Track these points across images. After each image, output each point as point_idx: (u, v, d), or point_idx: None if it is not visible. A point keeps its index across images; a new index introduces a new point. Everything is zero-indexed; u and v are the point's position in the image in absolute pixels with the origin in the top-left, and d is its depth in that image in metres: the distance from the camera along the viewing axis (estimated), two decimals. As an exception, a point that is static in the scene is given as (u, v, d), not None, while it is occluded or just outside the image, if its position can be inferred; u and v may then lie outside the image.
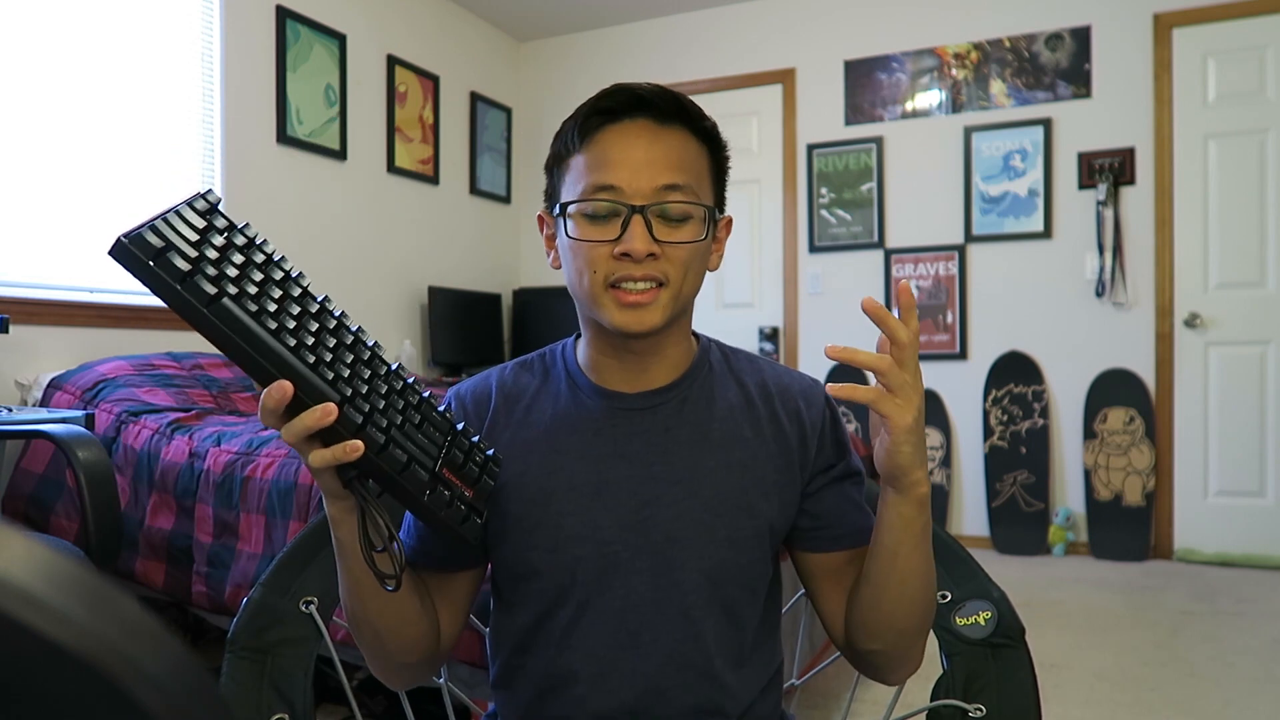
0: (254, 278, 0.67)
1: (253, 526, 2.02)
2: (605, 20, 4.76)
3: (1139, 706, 2.26)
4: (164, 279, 0.62)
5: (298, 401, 0.66)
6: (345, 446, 0.67)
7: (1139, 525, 3.78)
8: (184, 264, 0.62)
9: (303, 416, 0.66)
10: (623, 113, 0.82)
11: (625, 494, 0.84)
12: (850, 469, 0.91)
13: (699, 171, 0.84)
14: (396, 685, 0.89)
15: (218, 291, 0.63)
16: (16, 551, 0.22)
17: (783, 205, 4.47)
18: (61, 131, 2.71)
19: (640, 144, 0.81)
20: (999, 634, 0.93)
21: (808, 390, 0.91)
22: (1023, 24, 4.02)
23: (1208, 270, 3.77)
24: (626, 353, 0.87)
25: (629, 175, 0.80)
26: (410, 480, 0.70)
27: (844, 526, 0.89)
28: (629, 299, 0.81)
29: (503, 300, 4.73)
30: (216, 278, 0.64)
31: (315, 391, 0.66)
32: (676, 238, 0.81)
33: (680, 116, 0.84)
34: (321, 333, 0.70)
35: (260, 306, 0.65)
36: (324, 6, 3.67)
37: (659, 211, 0.81)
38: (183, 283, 0.62)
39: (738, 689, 0.86)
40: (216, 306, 0.63)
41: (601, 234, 0.81)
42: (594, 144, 0.82)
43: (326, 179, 3.70)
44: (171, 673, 0.23)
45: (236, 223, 0.70)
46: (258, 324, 0.64)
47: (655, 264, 0.81)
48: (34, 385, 2.54)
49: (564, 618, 0.84)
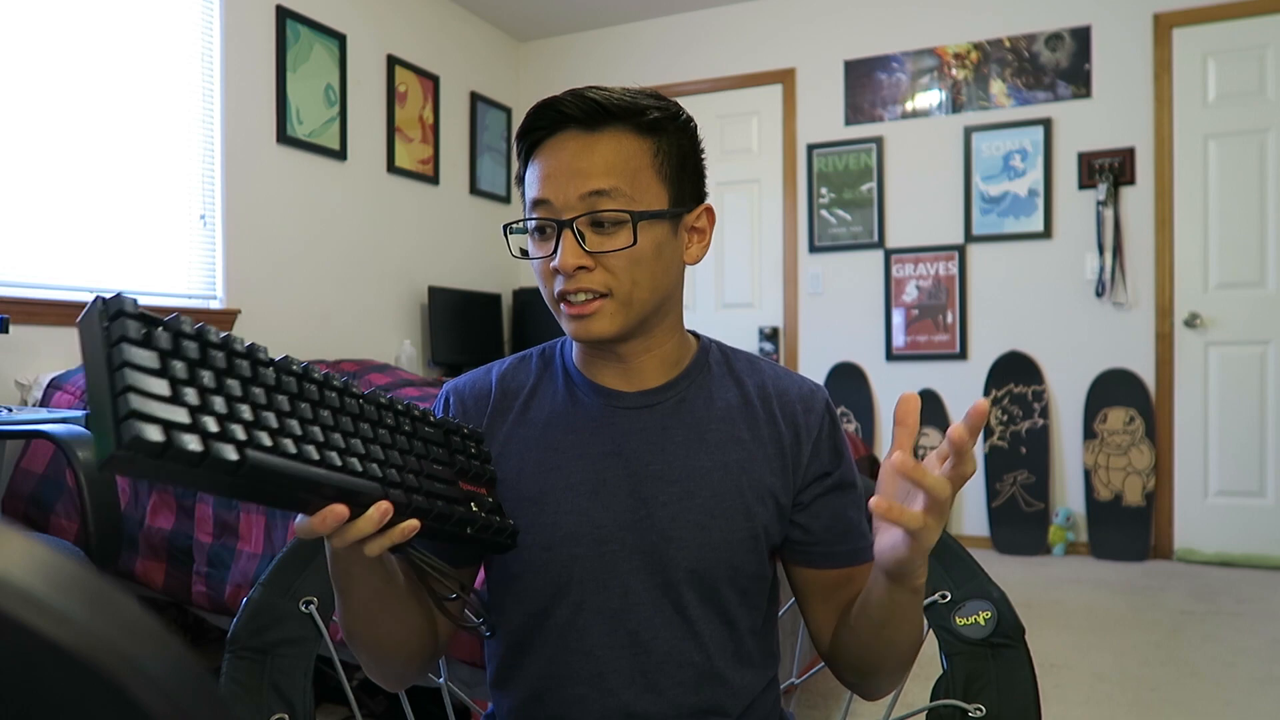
0: (255, 400, 0.58)
1: (253, 526, 2.02)
2: (605, 20, 4.76)
3: (1139, 706, 2.26)
4: (180, 470, 0.52)
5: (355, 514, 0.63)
6: (404, 529, 0.66)
7: (1139, 525, 3.78)
8: (196, 444, 0.51)
9: (358, 525, 0.64)
10: (553, 128, 0.83)
11: (623, 493, 0.84)
12: (845, 479, 0.90)
13: (636, 169, 0.82)
14: (394, 688, 0.89)
15: (240, 457, 0.54)
16: (16, 551, 0.22)
17: (783, 205, 4.47)
18: (62, 131, 2.71)
19: (565, 156, 0.81)
20: (999, 634, 0.93)
21: (807, 395, 0.91)
22: (1023, 24, 4.02)
23: (1208, 270, 3.77)
24: (608, 354, 0.87)
25: (556, 188, 0.81)
26: (456, 525, 0.70)
27: (837, 544, 0.88)
28: (573, 310, 0.82)
29: (502, 300, 4.73)
30: (223, 434, 0.54)
31: (362, 497, 0.62)
32: (608, 246, 0.81)
33: (609, 118, 0.82)
34: (331, 418, 0.64)
35: (280, 438, 0.57)
36: (324, 6, 3.67)
37: (589, 221, 0.80)
38: (202, 463, 0.52)
39: (737, 687, 0.86)
40: (246, 469, 0.54)
41: (542, 250, 0.83)
42: (533, 162, 0.84)
43: (326, 179, 3.70)
44: (171, 673, 0.23)
45: (186, 329, 0.57)
46: (287, 460, 0.57)
47: (590, 276, 0.81)
48: (34, 385, 2.54)
49: (561, 617, 0.84)
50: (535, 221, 0.83)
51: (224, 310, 3.23)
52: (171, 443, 0.50)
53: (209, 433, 0.53)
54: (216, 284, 3.23)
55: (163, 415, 0.51)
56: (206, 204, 3.19)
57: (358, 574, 0.74)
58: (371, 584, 0.75)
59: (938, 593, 0.96)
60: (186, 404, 0.53)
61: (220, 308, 3.23)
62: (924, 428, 4.14)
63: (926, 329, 4.17)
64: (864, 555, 0.88)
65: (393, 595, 0.77)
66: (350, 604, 0.77)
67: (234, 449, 0.54)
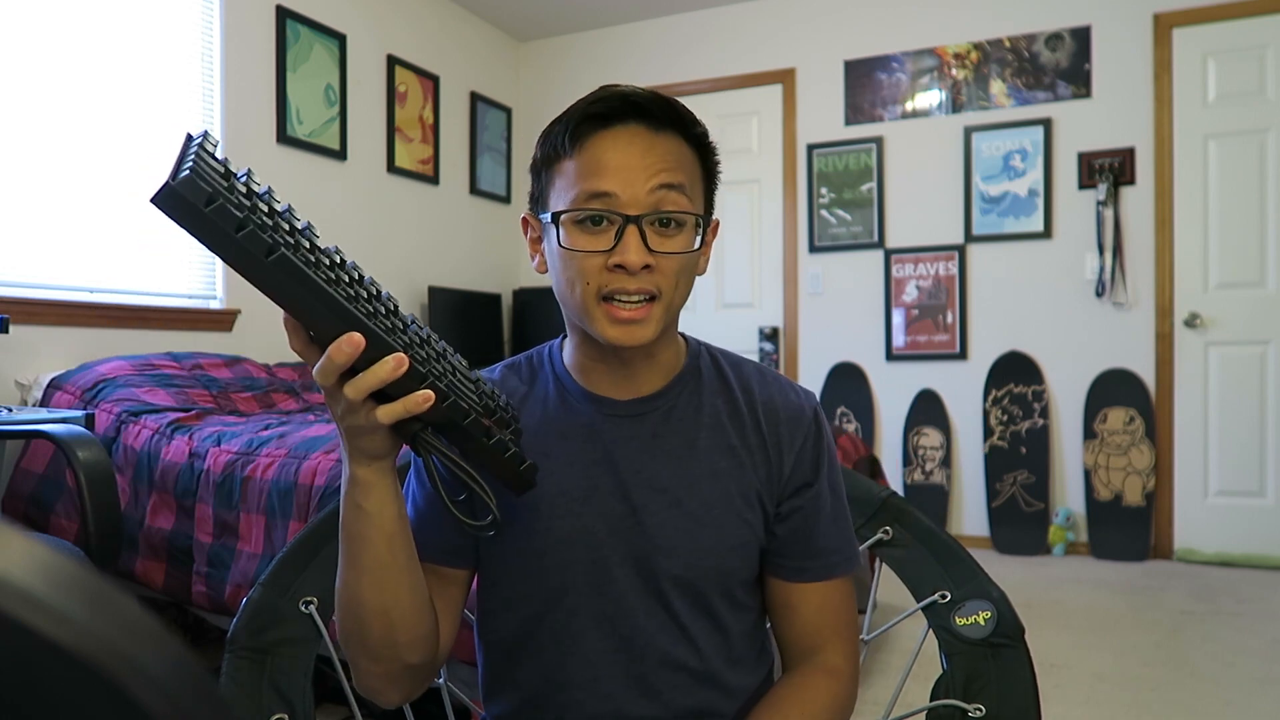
0: (284, 229, 0.62)
1: (253, 526, 2.02)
2: (605, 20, 4.76)
3: (1139, 706, 2.26)
4: (219, 228, 0.57)
5: (362, 355, 0.64)
6: (417, 397, 0.65)
7: (1139, 525, 3.78)
8: (238, 212, 0.58)
9: (375, 369, 0.64)
10: (615, 118, 0.80)
11: (614, 500, 0.84)
12: (825, 493, 0.88)
13: (693, 178, 0.83)
14: (393, 696, 0.82)
15: (274, 243, 0.59)
16: (16, 551, 0.22)
17: (783, 205, 4.47)
18: (62, 131, 2.71)
19: (635, 150, 0.79)
20: (999, 634, 0.93)
21: (795, 405, 0.89)
22: (1023, 24, 4.02)
23: (1208, 270, 3.77)
24: (615, 360, 0.86)
25: (623, 181, 0.78)
26: (475, 426, 0.67)
27: (810, 560, 0.87)
28: (622, 314, 0.78)
29: (502, 300, 4.73)
30: (267, 228, 0.60)
31: (381, 343, 0.63)
32: (669, 248, 0.79)
33: (674, 123, 0.81)
34: (355, 285, 0.66)
35: (315, 259, 0.62)
36: (324, 6, 3.67)
37: (654, 220, 0.79)
38: (240, 231, 0.58)
39: (733, 689, 0.86)
40: (277, 257, 0.59)
41: (594, 244, 0.78)
42: (586, 149, 0.79)
43: (326, 179, 3.70)
44: (171, 673, 0.23)
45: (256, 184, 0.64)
46: (314, 273, 0.61)
47: (649, 276, 0.78)
48: (34, 385, 2.54)
49: (555, 622, 0.84)
50: (599, 212, 0.78)
51: (224, 310, 3.23)
52: (219, 200, 0.57)
53: (253, 218, 0.59)
54: (216, 284, 3.23)
55: (217, 185, 0.58)
56: (206, 204, 3.19)
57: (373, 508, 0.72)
58: (385, 532, 0.73)
59: (938, 593, 0.96)
60: (239, 194, 0.60)
61: (220, 308, 3.23)
62: (924, 428, 4.14)
63: (926, 329, 4.17)
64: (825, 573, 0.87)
65: (404, 558, 0.75)
66: (360, 563, 0.74)
67: (269, 236, 0.59)
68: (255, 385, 2.81)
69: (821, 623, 0.88)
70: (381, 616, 0.76)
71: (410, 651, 0.78)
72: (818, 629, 0.88)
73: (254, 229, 0.58)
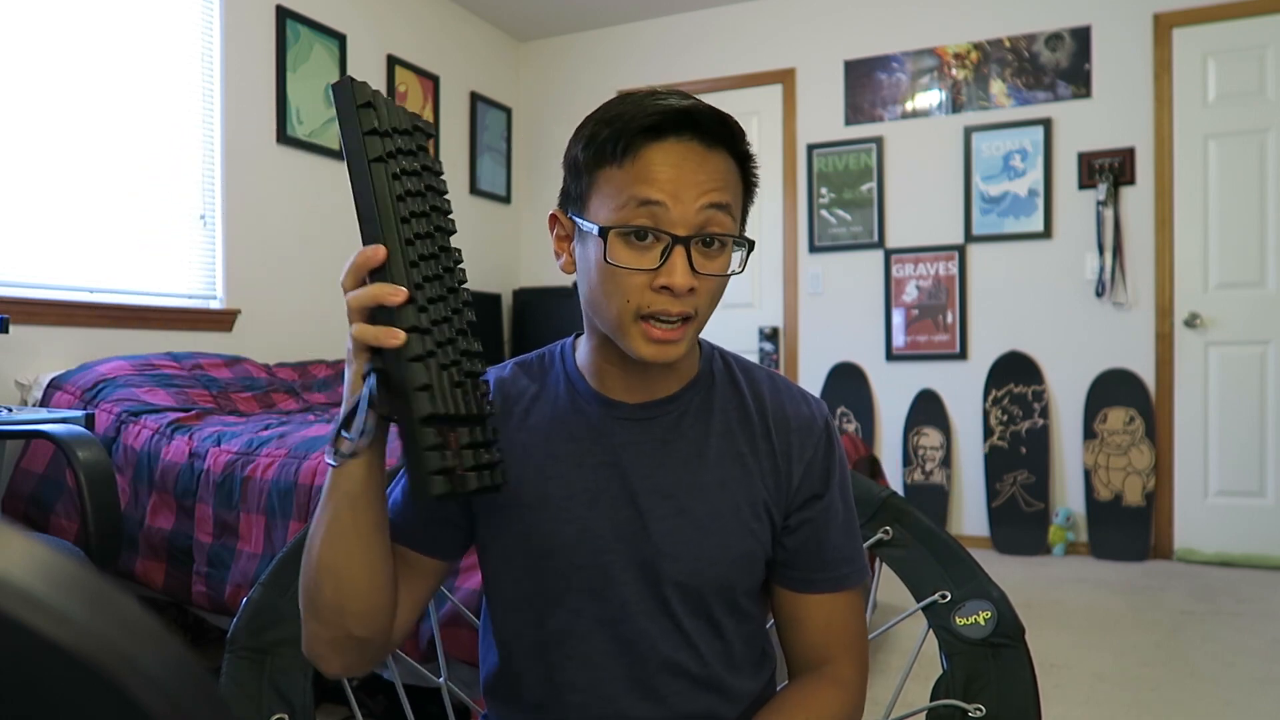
0: (408, 167, 0.75)
1: (253, 526, 2.02)
2: (605, 20, 4.76)
3: (1139, 707, 2.26)
4: (358, 124, 0.71)
5: (380, 274, 0.70)
6: (389, 330, 0.68)
7: (1139, 525, 3.77)
8: (375, 121, 0.72)
9: (378, 285, 0.69)
10: (669, 129, 0.78)
11: (621, 504, 0.83)
12: (836, 504, 0.88)
13: (736, 197, 0.81)
14: (334, 663, 0.80)
15: (382, 155, 0.72)
16: (16, 551, 0.22)
17: (783, 205, 4.47)
18: (62, 131, 2.71)
19: (688, 165, 0.77)
20: (999, 634, 0.93)
21: (805, 415, 0.89)
22: (1023, 24, 4.02)
23: (1208, 270, 3.77)
24: (635, 367, 0.85)
25: (674, 196, 0.77)
26: (418, 402, 0.68)
27: (819, 572, 0.87)
28: (657, 334, 0.78)
29: (503, 300, 4.73)
30: (388, 149, 0.73)
31: (398, 272, 0.71)
32: (712, 269, 0.79)
33: (725, 139, 0.80)
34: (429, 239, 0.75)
35: (404, 189, 0.73)
36: (324, 6, 3.67)
37: (699, 240, 0.78)
38: (369, 134, 0.72)
39: (736, 693, 0.86)
40: (376, 165, 0.72)
41: (640, 261, 0.77)
42: (638, 160, 0.77)
43: (326, 179, 3.70)
44: (171, 673, 0.23)
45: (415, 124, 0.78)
46: (390, 196, 0.72)
47: (690, 298, 0.78)
48: (34, 385, 2.54)
49: (560, 624, 0.84)
50: (648, 229, 0.77)
51: (224, 310, 3.23)
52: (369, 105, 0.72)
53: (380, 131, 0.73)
54: (216, 284, 3.24)
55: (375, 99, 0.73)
56: (207, 204, 3.19)
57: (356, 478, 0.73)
58: (349, 492, 0.73)
59: (938, 593, 0.96)
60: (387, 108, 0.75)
61: (220, 307, 3.23)
62: (924, 428, 4.14)
63: (926, 329, 4.17)
64: (835, 585, 0.87)
65: (365, 525, 0.75)
66: (323, 516, 0.75)
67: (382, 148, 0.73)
68: (255, 385, 2.81)
69: (830, 635, 0.87)
70: (331, 576, 0.75)
71: (358, 623, 0.77)
72: (826, 641, 0.87)
73: (376, 136, 0.72)
